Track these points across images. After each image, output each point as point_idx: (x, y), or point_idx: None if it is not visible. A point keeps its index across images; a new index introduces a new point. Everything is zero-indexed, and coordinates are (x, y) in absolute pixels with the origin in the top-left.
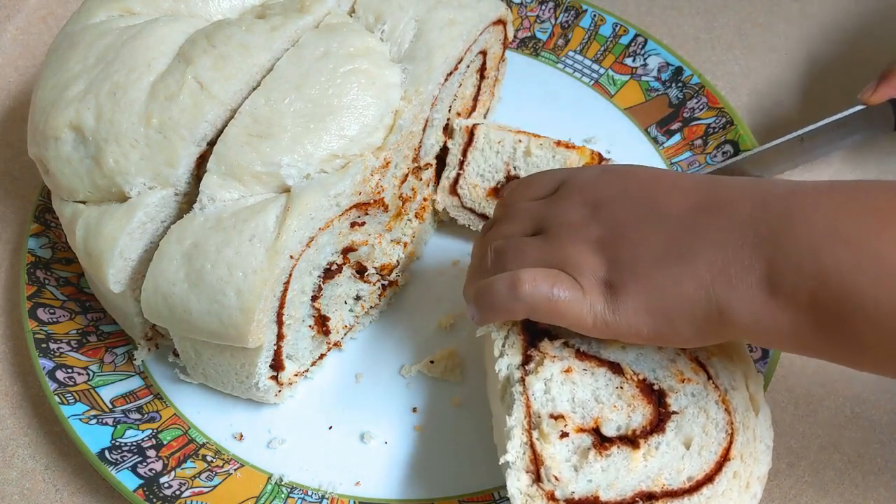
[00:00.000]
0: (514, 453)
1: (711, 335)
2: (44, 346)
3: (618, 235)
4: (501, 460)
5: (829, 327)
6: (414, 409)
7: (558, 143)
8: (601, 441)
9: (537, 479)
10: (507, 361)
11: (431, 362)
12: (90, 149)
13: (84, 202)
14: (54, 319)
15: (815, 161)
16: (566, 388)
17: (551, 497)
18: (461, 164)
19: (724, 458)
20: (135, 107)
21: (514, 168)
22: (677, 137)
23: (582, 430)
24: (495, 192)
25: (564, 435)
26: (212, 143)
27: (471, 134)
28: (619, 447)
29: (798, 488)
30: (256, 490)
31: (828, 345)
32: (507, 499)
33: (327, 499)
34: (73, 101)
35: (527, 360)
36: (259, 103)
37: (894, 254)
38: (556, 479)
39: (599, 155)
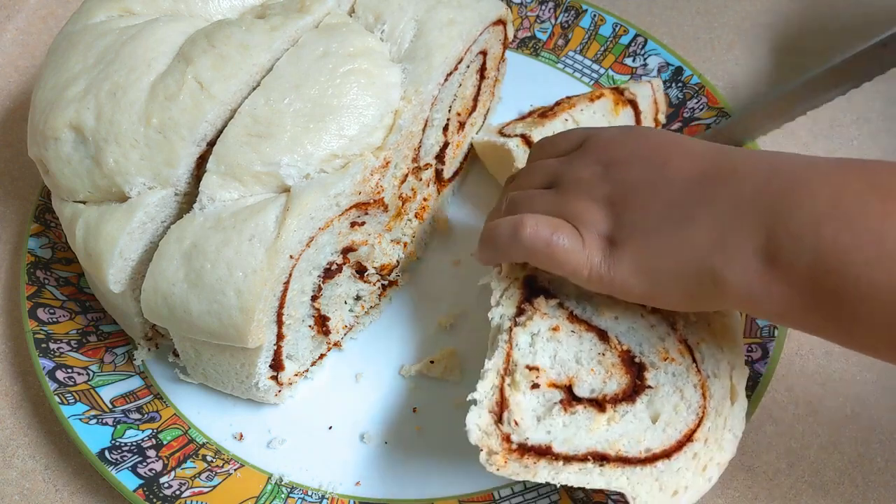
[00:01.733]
0: (483, 393)
1: (702, 301)
2: (44, 346)
3: (625, 195)
4: (469, 397)
5: (822, 303)
6: (414, 409)
7: (592, 99)
8: (570, 399)
9: (499, 420)
10: (500, 311)
11: (431, 362)
12: (90, 149)
13: (84, 202)
14: (54, 319)
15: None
16: (550, 345)
17: (506, 439)
18: None
19: (689, 438)
20: (135, 107)
21: None
22: None
23: (554, 386)
24: None
25: (535, 386)
26: (212, 143)
27: (529, 143)
28: (585, 407)
29: (798, 488)
30: (256, 490)
31: (820, 320)
32: (508, 499)
33: (327, 499)
34: (73, 101)
35: (520, 312)
36: (259, 103)
37: (893, 230)
38: (516, 423)
39: (619, 89)
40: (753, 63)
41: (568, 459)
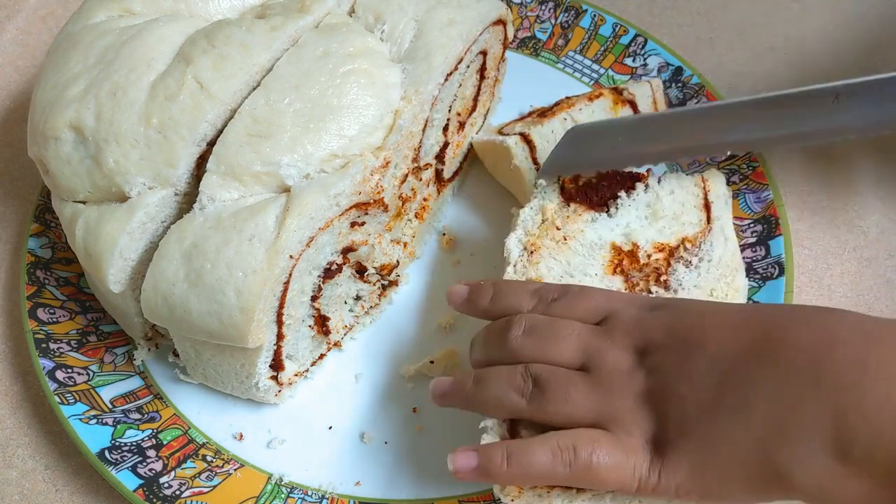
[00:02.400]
0: (493, 421)
1: (770, 496)
2: (44, 346)
3: (665, 387)
4: (481, 425)
5: None
6: (414, 409)
7: (591, 98)
8: None
9: None
10: None
11: (431, 362)
12: (90, 149)
13: (84, 202)
14: (54, 319)
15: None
16: None
17: None
18: (537, 171)
19: None
20: (135, 107)
21: None
22: None
23: None
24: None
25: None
26: (212, 143)
27: (528, 141)
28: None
29: None
30: (256, 490)
31: None
32: None
33: (327, 499)
34: (73, 101)
35: None
36: (259, 103)
37: None
38: None
39: (618, 89)
40: (753, 63)
41: (580, 488)
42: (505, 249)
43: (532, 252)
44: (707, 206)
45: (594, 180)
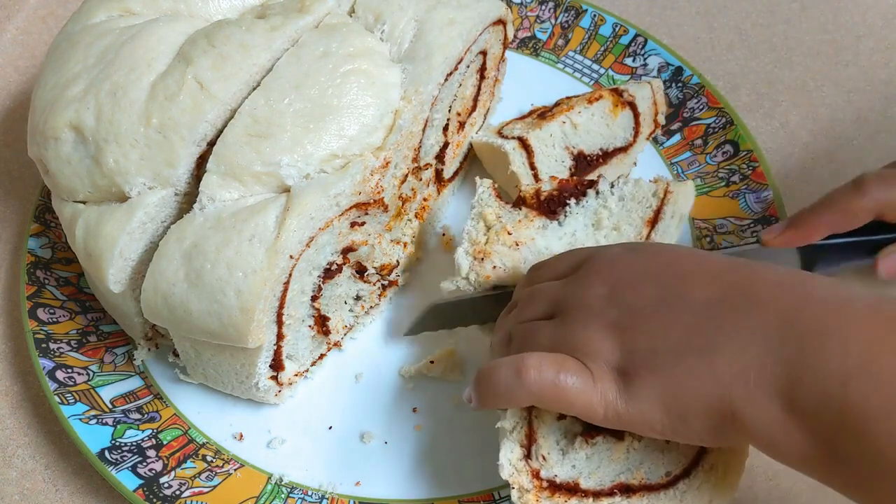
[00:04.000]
0: (512, 421)
1: (724, 437)
2: (44, 346)
3: (635, 320)
4: (498, 424)
5: (843, 462)
6: (414, 409)
7: (590, 100)
8: (589, 429)
9: (528, 455)
10: None
11: (431, 362)
12: (90, 149)
13: (84, 202)
14: (54, 319)
15: None
16: None
17: (536, 475)
18: (535, 177)
19: (704, 449)
20: (135, 107)
21: (574, 146)
22: (677, 137)
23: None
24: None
25: (562, 417)
26: (212, 143)
27: (526, 146)
28: (604, 437)
29: (798, 488)
30: (256, 490)
31: (838, 478)
32: (507, 499)
33: (327, 499)
34: (73, 101)
35: None
36: (259, 103)
37: None
38: (544, 458)
39: (618, 90)
40: (753, 63)
41: (597, 496)
42: (455, 265)
43: (483, 259)
44: (655, 221)
45: (555, 193)
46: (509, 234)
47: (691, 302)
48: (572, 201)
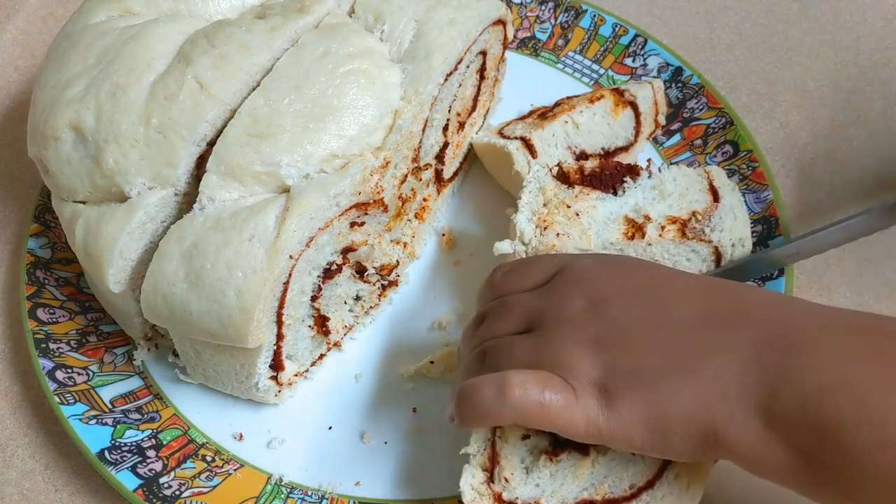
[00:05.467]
0: (476, 447)
1: (706, 454)
2: (44, 346)
3: (618, 337)
4: (462, 451)
5: (823, 475)
6: (414, 409)
7: (591, 100)
8: (555, 445)
9: (490, 478)
10: None
11: (431, 362)
12: (90, 149)
13: (84, 202)
14: (54, 319)
15: None
16: None
17: (498, 498)
18: None
19: (668, 461)
20: (135, 107)
21: (576, 146)
22: (677, 137)
23: (540, 432)
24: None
25: (526, 437)
26: (212, 143)
27: (529, 146)
28: (569, 453)
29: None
30: (256, 490)
31: (820, 491)
32: None
33: (327, 499)
34: (73, 101)
35: None
36: (259, 103)
37: None
38: (506, 480)
39: (620, 90)
40: (753, 63)
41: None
42: (517, 229)
43: (545, 228)
44: (713, 190)
45: (597, 170)
46: (568, 207)
47: (675, 320)
48: (628, 179)
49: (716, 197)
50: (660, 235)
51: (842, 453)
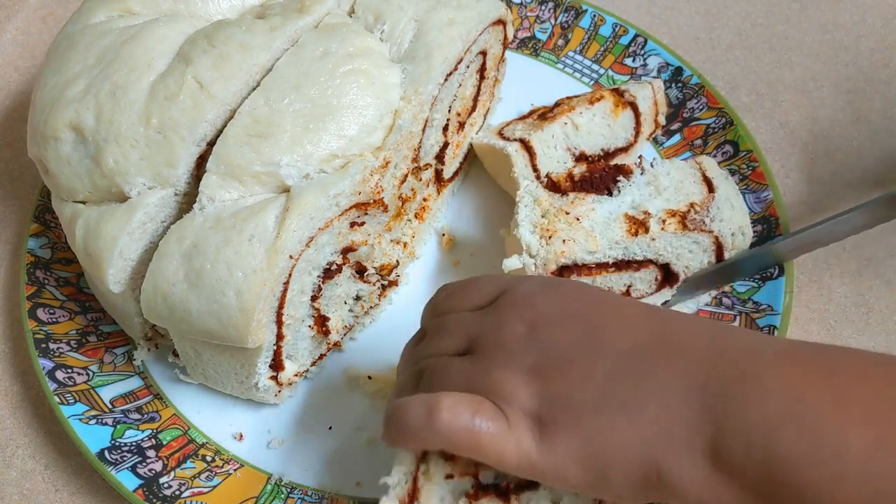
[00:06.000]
0: (396, 479)
1: (648, 495)
2: (43, 346)
3: (554, 365)
4: (382, 480)
5: None
6: None
7: (591, 101)
8: (478, 489)
9: None
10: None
11: (369, 377)
12: (90, 149)
13: (84, 202)
14: (54, 319)
15: None
16: None
17: None
18: (537, 177)
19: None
20: (135, 107)
21: (576, 147)
22: (677, 137)
23: (465, 474)
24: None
25: (450, 476)
26: (211, 143)
27: (528, 148)
28: (490, 499)
29: None
30: (256, 490)
31: None
32: None
33: (327, 499)
34: (73, 102)
35: None
36: (258, 103)
37: (855, 444)
38: None
39: (619, 91)
40: (753, 63)
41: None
42: (522, 243)
43: (550, 237)
44: (706, 181)
45: (587, 174)
46: (567, 213)
47: (610, 350)
48: (622, 178)
49: (710, 188)
50: (662, 229)
51: (796, 493)
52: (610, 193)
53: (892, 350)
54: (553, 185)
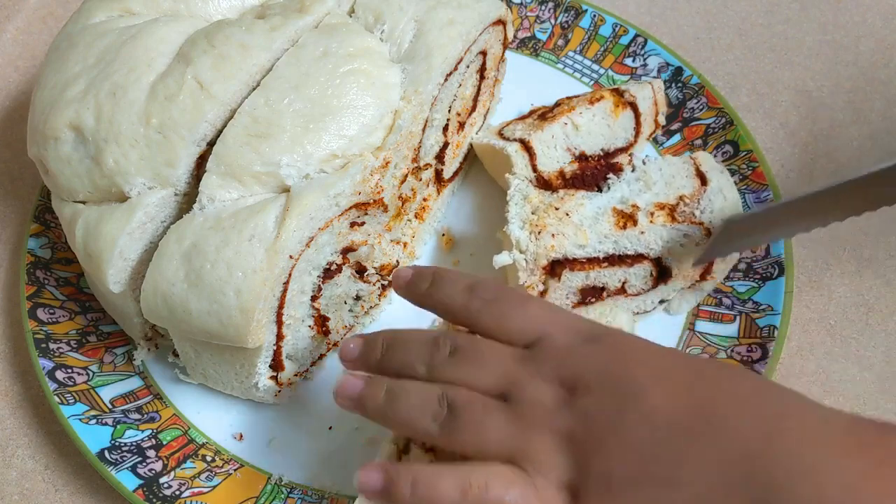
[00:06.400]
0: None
1: None
2: (43, 346)
3: (590, 434)
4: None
5: None
6: None
7: (591, 101)
8: None
9: None
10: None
11: None
12: (90, 149)
13: (84, 202)
14: (54, 319)
15: None
16: None
17: None
18: (538, 177)
19: None
20: (134, 107)
21: (576, 147)
22: (677, 138)
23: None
24: (565, 175)
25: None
26: (211, 143)
27: (528, 149)
28: None
29: None
30: (256, 490)
31: None
32: None
33: (327, 499)
34: (73, 101)
35: None
36: (258, 103)
37: None
38: None
39: (619, 91)
40: (753, 63)
41: None
42: (512, 239)
43: (539, 232)
44: (700, 175)
45: (578, 172)
46: (556, 209)
47: (651, 419)
48: (612, 175)
49: (703, 181)
50: (650, 222)
51: None
52: (599, 190)
53: (893, 350)
54: (544, 183)
